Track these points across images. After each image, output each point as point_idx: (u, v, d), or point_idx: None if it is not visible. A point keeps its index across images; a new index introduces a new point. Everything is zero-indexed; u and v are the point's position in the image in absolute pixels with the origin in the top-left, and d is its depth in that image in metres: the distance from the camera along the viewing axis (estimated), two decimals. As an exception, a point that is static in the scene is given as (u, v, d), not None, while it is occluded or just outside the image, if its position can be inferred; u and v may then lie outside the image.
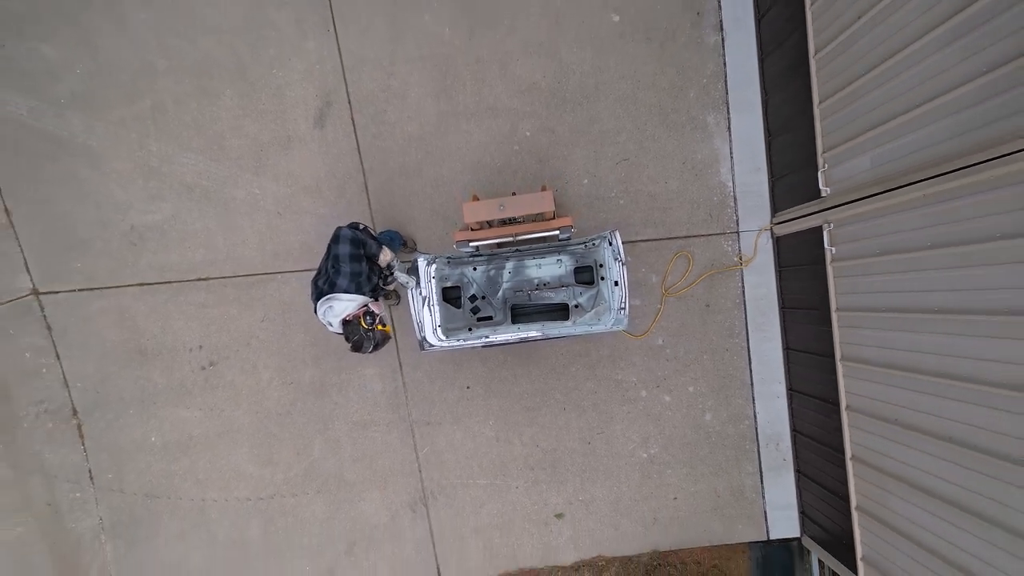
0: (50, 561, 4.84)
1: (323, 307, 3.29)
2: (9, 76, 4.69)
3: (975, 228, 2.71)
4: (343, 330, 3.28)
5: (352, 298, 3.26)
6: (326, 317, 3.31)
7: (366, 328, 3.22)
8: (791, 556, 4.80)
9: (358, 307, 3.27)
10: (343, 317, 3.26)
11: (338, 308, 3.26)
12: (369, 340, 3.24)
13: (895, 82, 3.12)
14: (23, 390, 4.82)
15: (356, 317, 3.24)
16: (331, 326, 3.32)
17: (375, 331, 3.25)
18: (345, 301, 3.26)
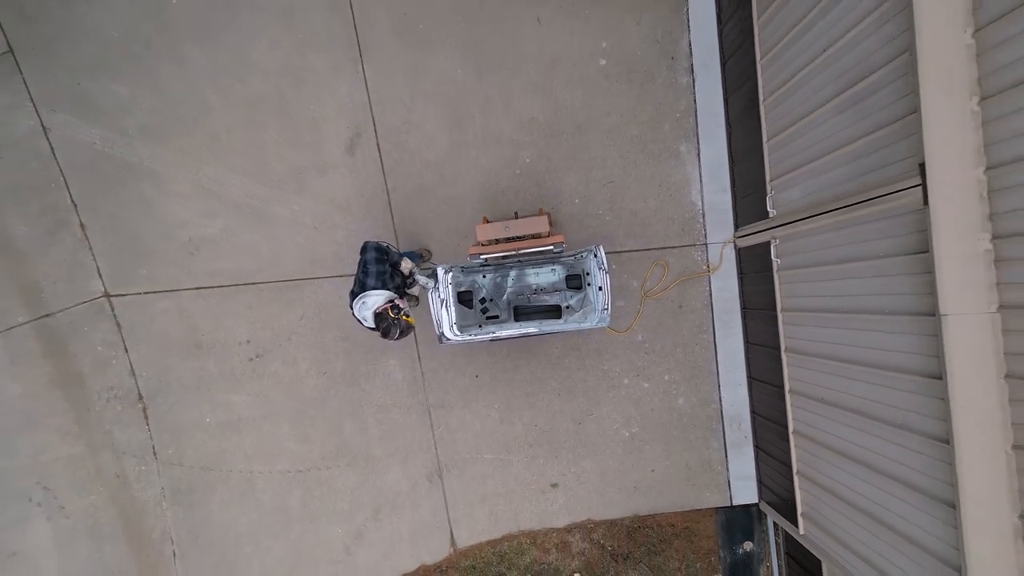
0: (119, 524, 5.75)
1: (358, 304, 4.18)
2: (86, 110, 5.59)
3: (864, 248, 3.62)
4: (375, 322, 4.16)
5: (380, 293, 4.13)
6: (361, 312, 4.19)
7: (393, 317, 4.07)
8: (751, 519, 5.71)
9: (386, 300, 4.15)
10: (374, 310, 4.14)
11: (370, 302, 4.14)
12: (395, 327, 4.06)
13: (813, 133, 4.03)
14: (96, 379, 5.72)
15: (385, 309, 4.10)
16: (366, 321, 4.20)
17: (400, 320, 4.11)
18: (375, 296, 4.13)
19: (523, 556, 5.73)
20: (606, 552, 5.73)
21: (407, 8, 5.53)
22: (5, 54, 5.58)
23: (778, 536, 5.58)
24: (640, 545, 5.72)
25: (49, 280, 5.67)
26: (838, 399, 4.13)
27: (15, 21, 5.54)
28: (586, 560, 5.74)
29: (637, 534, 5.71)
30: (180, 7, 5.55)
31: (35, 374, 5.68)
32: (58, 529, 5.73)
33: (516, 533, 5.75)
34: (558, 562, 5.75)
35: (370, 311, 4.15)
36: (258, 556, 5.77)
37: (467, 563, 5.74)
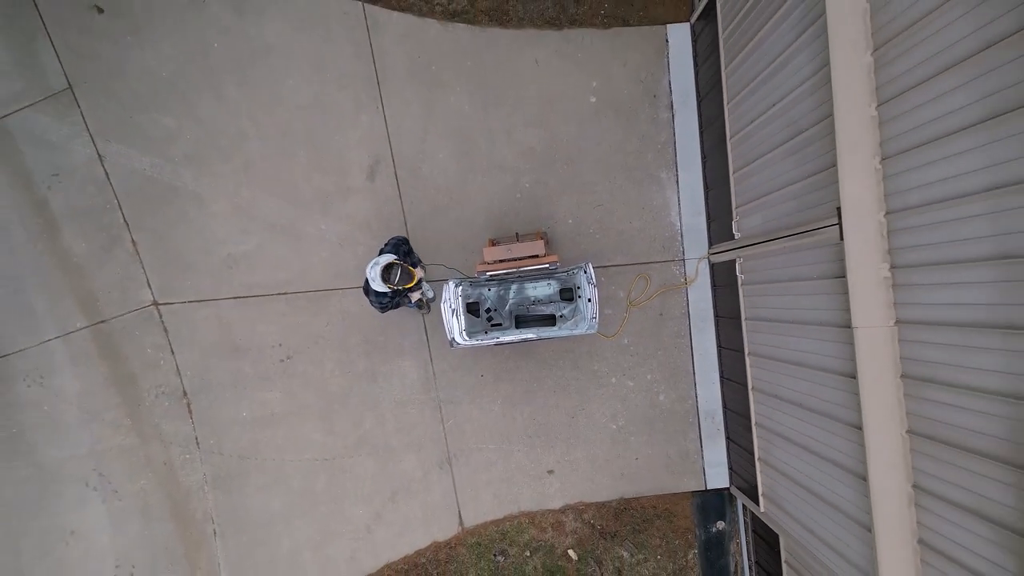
0: (167, 506, 6.58)
1: (371, 265, 4.97)
2: (137, 140, 6.41)
3: (804, 271, 4.45)
4: (383, 275, 4.90)
5: (389, 257, 4.95)
6: (371, 272, 4.94)
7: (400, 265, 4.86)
8: (723, 501, 6.54)
9: (390, 259, 4.96)
10: (382, 266, 4.89)
11: (382, 260, 4.95)
12: (398, 269, 4.86)
13: (767, 171, 4.87)
14: (146, 377, 6.55)
15: (389, 264, 4.89)
16: (374, 281, 4.95)
17: (405, 268, 4.89)
18: (386, 256, 4.97)
19: (523, 534, 6.56)
20: (596, 531, 6.56)
21: (421, 52, 6.35)
22: (65, 91, 6.40)
23: (746, 516, 6.42)
24: (626, 524, 6.56)
25: (104, 290, 6.50)
26: (787, 395, 4.97)
27: (74, 60, 6.36)
28: (578, 538, 6.58)
29: (623, 515, 6.55)
30: (221, 50, 6.37)
31: (92, 373, 6.51)
32: (112, 510, 6.56)
33: (516, 514, 6.58)
34: (553, 539, 6.59)
35: (380, 267, 4.92)
36: (288, 534, 6.60)
37: (473, 540, 6.57)
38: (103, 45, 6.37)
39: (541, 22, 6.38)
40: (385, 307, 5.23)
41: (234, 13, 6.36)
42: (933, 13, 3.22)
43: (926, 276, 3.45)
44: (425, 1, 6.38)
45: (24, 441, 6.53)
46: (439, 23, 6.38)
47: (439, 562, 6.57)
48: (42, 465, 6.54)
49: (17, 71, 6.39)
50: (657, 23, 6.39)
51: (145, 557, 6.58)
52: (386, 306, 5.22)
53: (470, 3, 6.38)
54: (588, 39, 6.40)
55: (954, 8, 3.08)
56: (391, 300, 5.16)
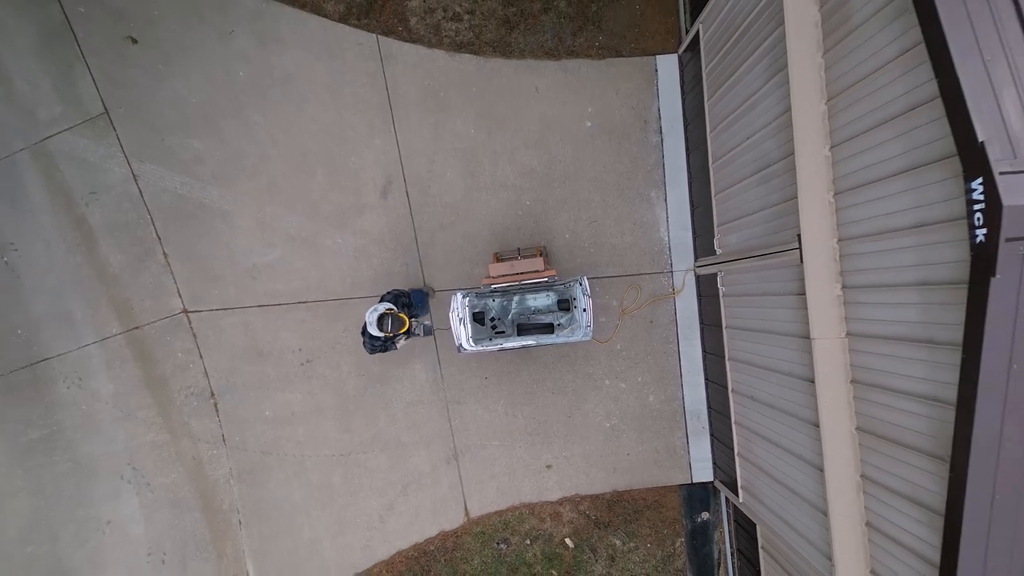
0: (196, 498, 7.19)
1: (369, 311, 5.61)
2: (169, 161, 7.01)
3: (773, 287, 5.07)
4: (377, 323, 5.55)
5: (386, 305, 5.60)
6: (369, 318, 5.58)
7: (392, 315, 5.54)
8: (707, 494, 7.17)
9: (386, 308, 5.59)
10: (379, 315, 5.55)
11: (379, 308, 5.59)
12: (390, 320, 5.52)
13: (742, 196, 5.48)
14: (176, 379, 7.15)
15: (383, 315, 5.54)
16: (370, 325, 5.58)
17: (397, 317, 5.56)
18: (383, 304, 5.60)
19: (523, 524, 7.18)
20: (591, 521, 7.18)
21: (430, 81, 6.95)
22: (101, 115, 7.00)
23: (728, 507, 7.04)
24: (618, 515, 7.18)
25: (138, 299, 7.10)
26: (761, 397, 5.59)
27: (109, 87, 6.96)
28: (574, 527, 7.20)
29: (616, 506, 7.17)
30: (246, 79, 6.97)
31: (127, 375, 7.12)
32: (144, 502, 7.18)
33: (518, 505, 7.20)
34: (552, 529, 7.21)
35: (376, 313, 5.58)
36: (308, 524, 7.22)
37: (478, 529, 7.19)
38: (137, 73, 6.96)
39: (541, 53, 6.98)
40: (375, 350, 5.81)
41: (258, 44, 6.96)
42: (875, 74, 3.82)
43: (869, 296, 4.06)
44: (434, 33, 6.98)
45: (63, 438, 7.14)
46: (447, 54, 6.98)
47: (447, 550, 7.19)
48: (80, 460, 7.15)
49: (57, 96, 6.99)
50: (648, 54, 7.00)
51: (175, 545, 7.19)
52: (376, 349, 5.80)
53: (475, 35, 6.98)
54: (584, 69, 7.00)
55: (890, 72, 3.68)
56: (381, 344, 5.75)
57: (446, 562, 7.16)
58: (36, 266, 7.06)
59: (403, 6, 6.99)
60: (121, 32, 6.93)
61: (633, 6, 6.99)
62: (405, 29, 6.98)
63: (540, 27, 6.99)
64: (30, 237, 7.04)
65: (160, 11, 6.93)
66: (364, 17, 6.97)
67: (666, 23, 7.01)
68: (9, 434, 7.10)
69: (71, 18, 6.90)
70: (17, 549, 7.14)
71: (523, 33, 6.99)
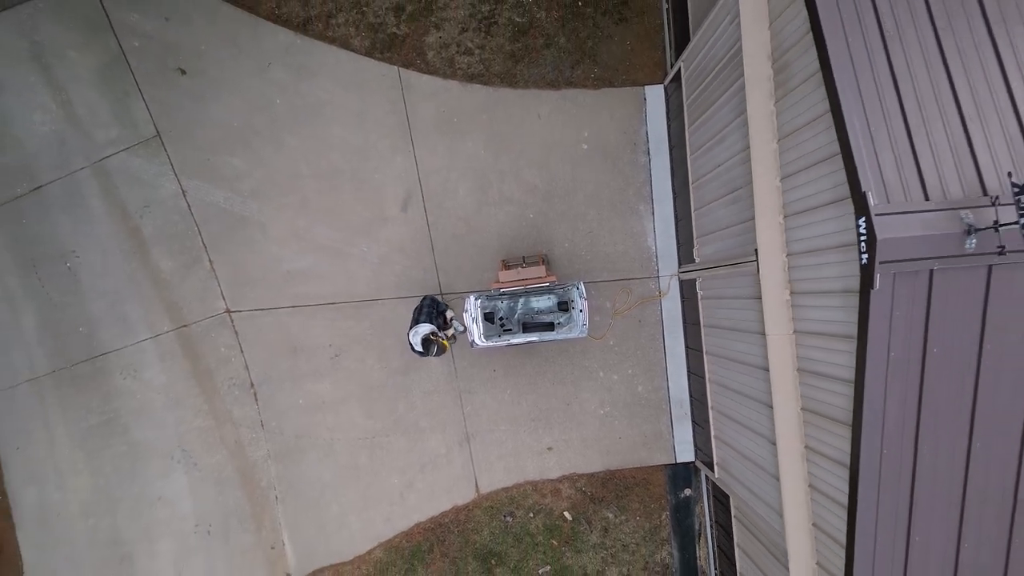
0: (237, 477, 8.24)
1: (411, 333, 6.71)
2: (214, 178, 8.03)
3: (740, 291, 6.12)
4: (422, 345, 6.67)
5: (427, 326, 6.67)
6: (414, 338, 6.71)
7: (434, 340, 6.62)
8: (689, 473, 8.23)
9: (429, 330, 6.68)
10: (422, 336, 6.65)
11: (421, 330, 6.67)
12: (434, 345, 6.65)
13: (716, 214, 6.52)
14: (220, 371, 8.19)
15: (427, 336, 6.63)
16: (416, 345, 6.70)
17: (439, 342, 6.66)
18: (423, 327, 6.67)
19: (527, 499, 8.24)
20: (586, 496, 8.25)
21: (445, 108, 7.99)
22: (154, 137, 8.03)
23: (708, 484, 8.10)
24: (611, 491, 8.24)
25: (186, 300, 8.14)
26: (732, 385, 6.64)
27: (161, 113, 7.98)
28: (572, 502, 8.27)
29: (609, 483, 8.23)
30: (282, 105, 8.00)
31: (177, 368, 8.16)
32: (192, 480, 8.22)
33: (522, 482, 8.25)
34: (552, 503, 8.27)
35: (420, 336, 6.68)
36: (337, 500, 8.27)
37: (487, 504, 8.25)
38: (185, 100, 7.99)
39: (543, 83, 8.02)
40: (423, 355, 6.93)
41: (292, 75, 7.98)
42: (809, 125, 4.85)
43: (810, 300, 5.10)
44: (448, 66, 8.01)
45: (120, 424, 8.19)
46: (460, 84, 8.01)
47: (459, 522, 8.25)
48: (135, 443, 8.20)
49: (114, 121, 8.02)
50: (637, 85, 8.03)
51: (219, 518, 8.24)
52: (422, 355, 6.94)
53: (485, 68, 8.02)
54: (581, 97, 8.04)
55: (818, 125, 4.70)
56: (421, 354, 6.88)
57: (459, 533, 8.22)
58: (96, 271, 8.09)
59: (421, 42, 8.02)
60: (171, 63, 7.96)
61: (624, 42, 8.03)
62: (423, 62, 8.01)
63: (542, 60, 8.02)
64: (90, 246, 8.07)
65: (206, 45, 7.96)
66: (387, 51, 8.00)
67: (653, 57, 8.05)
68: (72, 420, 8.15)
69: (126, 51, 7.93)
70: (80, 522, 8.19)
71: (527, 66, 8.02)
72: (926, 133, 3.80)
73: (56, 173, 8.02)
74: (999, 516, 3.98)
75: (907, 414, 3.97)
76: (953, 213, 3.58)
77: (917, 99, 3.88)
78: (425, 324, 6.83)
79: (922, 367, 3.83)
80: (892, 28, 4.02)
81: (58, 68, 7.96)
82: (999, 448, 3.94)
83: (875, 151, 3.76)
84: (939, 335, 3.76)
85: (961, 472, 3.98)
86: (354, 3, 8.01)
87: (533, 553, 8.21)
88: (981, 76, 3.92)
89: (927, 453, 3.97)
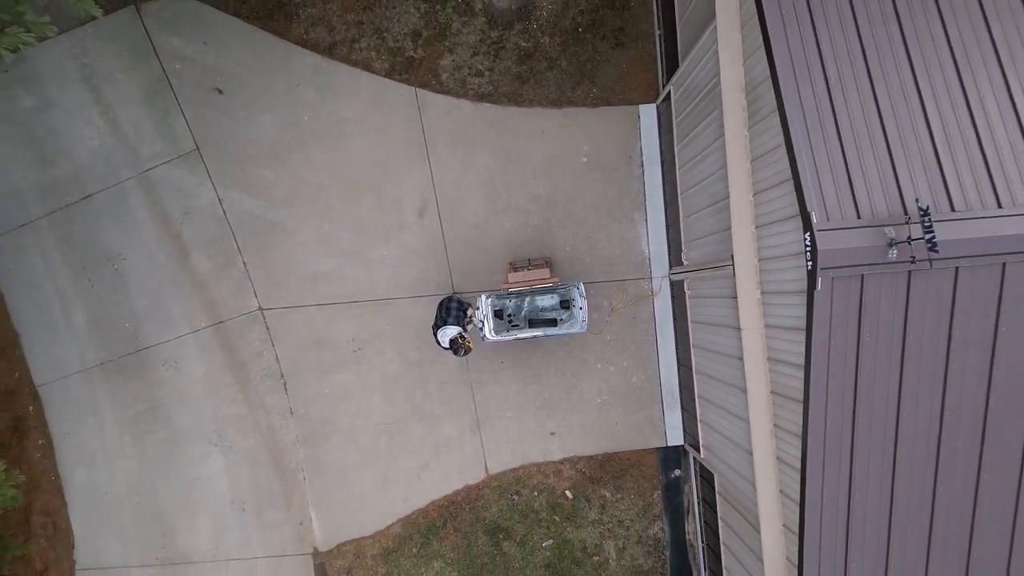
0: (269, 459, 9.19)
1: (440, 333, 7.69)
2: (247, 187, 8.98)
3: (720, 291, 7.07)
4: (449, 344, 7.65)
5: (454, 328, 7.65)
6: (441, 338, 7.68)
7: (460, 343, 7.60)
8: (679, 455, 9.20)
9: (456, 332, 7.65)
10: (450, 337, 7.63)
11: (448, 332, 7.65)
12: (461, 348, 7.62)
13: (701, 223, 7.48)
14: (253, 364, 9.14)
15: (456, 337, 7.60)
16: (443, 343, 7.68)
17: (464, 346, 7.64)
18: (451, 329, 7.65)
19: (532, 479, 9.21)
20: (586, 477, 9.22)
21: (457, 124, 8.94)
22: (193, 151, 8.97)
23: (695, 465, 9.07)
24: (608, 472, 9.21)
25: (222, 298, 9.09)
26: (715, 374, 7.60)
27: (199, 129, 8.92)
28: (573, 482, 9.23)
29: (606, 465, 9.20)
30: (309, 122, 8.95)
31: (214, 360, 9.11)
32: (228, 462, 9.18)
33: (527, 464, 9.22)
34: (554, 483, 9.24)
35: (447, 337, 7.65)
36: (359, 481, 9.23)
37: (495, 484, 9.21)
38: (221, 117, 8.93)
39: (547, 102, 8.97)
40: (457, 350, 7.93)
41: (318, 95, 8.93)
42: (774, 151, 5.79)
43: (776, 300, 6.06)
44: (461, 86, 8.96)
45: (162, 411, 9.14)
46: (471, 103, 8.96)
47: (470, 500, 9.22)
48: (175, 428, 9.15)
49: (157, 136, 8.96)
50: (632, 103, 8.98)
51: (252, 497, 9.20)
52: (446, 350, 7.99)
53: (494, 88, 8.97)
54: (581, 115, 8.99)
55: (781, 151, 5.66)
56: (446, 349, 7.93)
57: (470, 510, 9.19)
58: (140, 272, 9.04)
59: (436, 64, 8.96)
60: (209, 84, 8.90)
61: (620, 65, 8.98)
62: (437, 83, 8.96)
63: (546, 82, 8.97)
64: (135, 249, 9.02)
65: (240, 68, 8.91)
66: (405, 73, 8.95)
67: (647, 79, 9.00)
68: (119, 407, 9.11)
69: (168, 73, 8.87)
70: (126, 500, 9.15)
71: (532, 86, 8.97)
72: (860, 164, 4.75)
73: (104, 183, 8.97)
74: (925, 464, 4.95)
75: (845, 391, 4.93)
76: (879, 229, 4.53)
77: (854, 136, 4.83)
78: (453, 326, 7.82)
79: (857, 353, 4.78)
80: (835, 77, 4.97)
81: (106, 88, 8.91)
82: (923, 416, 4.90)
83: (818, 179, 4.72)
84: (870, 327, 4.72)
85: (892, 437, 4.94)
86: (375, 29, 8.96)
87: (537, 528, 9.17)
88: (907, 117, 4.87)
89: (863, 423, 4.93)
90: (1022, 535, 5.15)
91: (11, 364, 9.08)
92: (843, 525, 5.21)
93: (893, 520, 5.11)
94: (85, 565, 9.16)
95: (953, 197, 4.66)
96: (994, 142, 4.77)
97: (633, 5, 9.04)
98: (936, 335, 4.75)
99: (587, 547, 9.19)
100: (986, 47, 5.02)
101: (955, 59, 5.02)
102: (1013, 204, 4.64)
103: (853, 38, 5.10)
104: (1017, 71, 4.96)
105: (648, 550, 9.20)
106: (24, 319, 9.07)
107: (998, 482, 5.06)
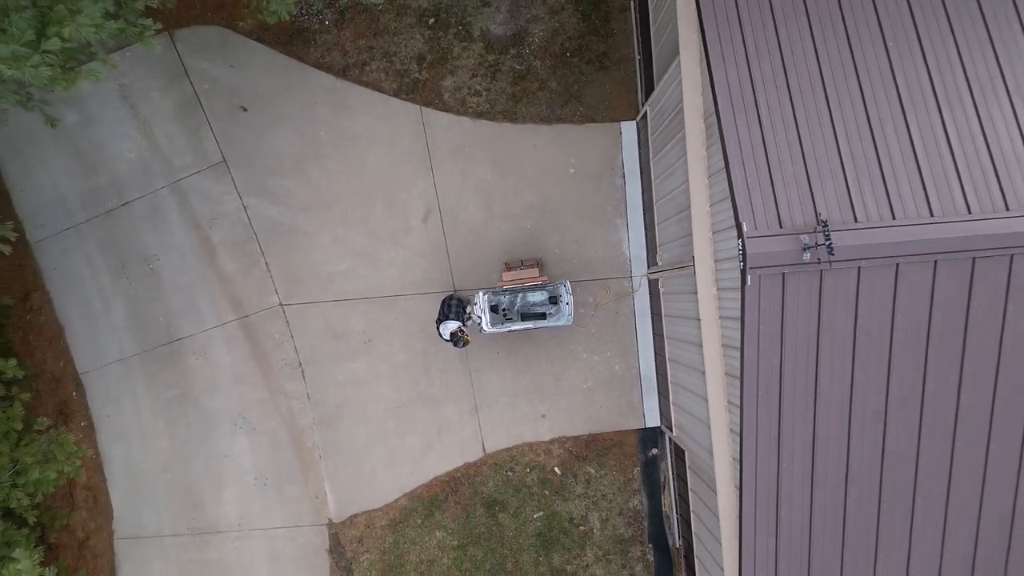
0: (288, 439, 10.46)
1: (442, 327, 8.99)
2: (269, 196, 10.25)
3: (685, 288, 8.35)
4: (450, 336, 8.95)
5: (455, 322, 8.95)
6: (443, 330, 8.98)
7: (459, 336, 8.90)
8: (655, 435, 10.49)
9: (457, 326, 8.95)
10: (451, 331, 8.93)
11: (451, 326, 8.94)
12: (461, 340, 8.93)
13: (670, 229, 8.76)
14: (274, 354, 10.42)
15: (456, 331, 8.91)
16: (444, 335, 8.98)
17: (463, 338, 8.94)
18: (453, 323, 8.95)
19: (524, 457, 10.48)
20: (573, 455, 10.49)
21: (458, 139, 10.22)
22: (220, 163, 10.25)
23: (670, 444, 10.36)
24: (593, 451, 10.49)
25: (247, 295, 10.36)
26: (683, 360, 8.88)
27: (226, 142, 10.20)
28: (561, 460, 10.51)
29: (591, 444, 10.48)
30: (325, 136, 10.23)
31: (239, 350, 10.38)
32: (252, 442, 10.44)
33: (520, 444, 10.49)
34: (545, 461, 10.51)
35: (449, 330, 8.95)
36: (369, 458, 10.50)
37: (492, 462, 10.49)
38: (246, 132, 10.21)
39: (538, 119, 10.25)
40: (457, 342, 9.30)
41: (334, 112, 10.21)
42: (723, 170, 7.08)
43: (728, 295, 7.33)
44: (461, 105, 10.24)
45: (192, 396, 10.41)
46: (470, 120, 10.24)
47: (469, 476, 10.49)
48: (205, 411, 10.42)
49: (188, 149, 10.24)
50: (615, 120, 10.27)
51: (273, 473, 10.47)
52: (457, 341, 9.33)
53: (491, 106, 10.25)
54: (569, 131, 10.28)
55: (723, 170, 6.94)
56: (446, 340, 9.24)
57: (469, 485, 10.46)
58: (173, 271, 10.32)
59: (439, 85, 10.25)
60: (235, 103, 10.18)
61: (604, 87, 10.27)
62: (440, 101, 10.24)
63: (537, 101, 10.26)
64: (169, 250, 10.29)
65: (263, 88, 10.19)
66: (411, 93, 10.23)
67: (628, 98, 10.29)
68: (154, 392, 10.38)
69: (199, 93, 10.15)
70: (160, 476, 10.42)
71: (525, 105, 10.25)
72: (783, 183, 6.03)
73: (141, 191, 10.24)
74: (840, 421, 6.26)
75: (772, 368, 6.21)
76: (796, 236, 5.80)
77: (779, 160, 6.11)
78: (454, 321, 9.15)
79: (781, 335, 6.06)
80: (766, 111, 6.25)
81: (143, 106, 10.19)
82: (836, 386, 6.20)
83: (749, 195, 6.00)
84: (791, 315, 6.00)
85: (811, 401, 6.24)
86: (384, 53, 10.24)
87: (529, 501, 10.45)
88: (822, 145, 6.16)
89: (788, 393, 6.21)
90: (921, 480, 6.45)
91: (57, 354, 10.35)
92: (774, 466, 6.50)
93: (816, 459, 6.41)
94: (123, 535, 10.43)
95: (856, 210, 5.95)
96: (891, 164, 6.06)
97: (616, 32, 10.34)
98: (845, 321, 6.04)
99: (574, 518, 10.46)
100: (888, 82, 6.32)
101: (863, 93, 6.32)
102: (905, 215, 5.93)
103: (780, 76, 6.40)
104: (913, 102, 6.25)
105: (628, 521, 10.48)
106: (69, 313, 10.35)
107: (902, 439, 6.36)
